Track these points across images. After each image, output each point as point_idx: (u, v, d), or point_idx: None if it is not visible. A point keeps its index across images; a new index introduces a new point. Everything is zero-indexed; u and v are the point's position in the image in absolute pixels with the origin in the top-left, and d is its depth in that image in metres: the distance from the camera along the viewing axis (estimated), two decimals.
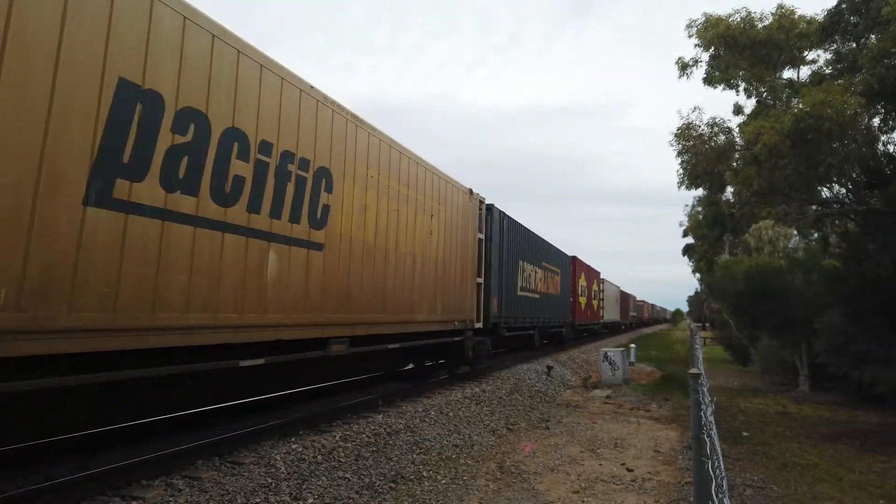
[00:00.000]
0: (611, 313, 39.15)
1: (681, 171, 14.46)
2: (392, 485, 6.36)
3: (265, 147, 6.18)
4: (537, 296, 18.60)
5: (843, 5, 12.31)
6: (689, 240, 46.12)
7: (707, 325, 52.78)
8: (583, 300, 27.93)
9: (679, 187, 14.92)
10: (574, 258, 26.19)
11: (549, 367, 16.65)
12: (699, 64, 15.16)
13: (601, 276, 34.59)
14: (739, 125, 14.79)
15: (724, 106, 48.33)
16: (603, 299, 34.95)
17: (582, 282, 27.77)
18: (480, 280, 12.91)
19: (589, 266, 30.11)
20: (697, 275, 45.61)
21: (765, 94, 14.81)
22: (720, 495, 3.24)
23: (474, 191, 12.76)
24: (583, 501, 6.25)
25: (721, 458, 4.26)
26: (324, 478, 6.06)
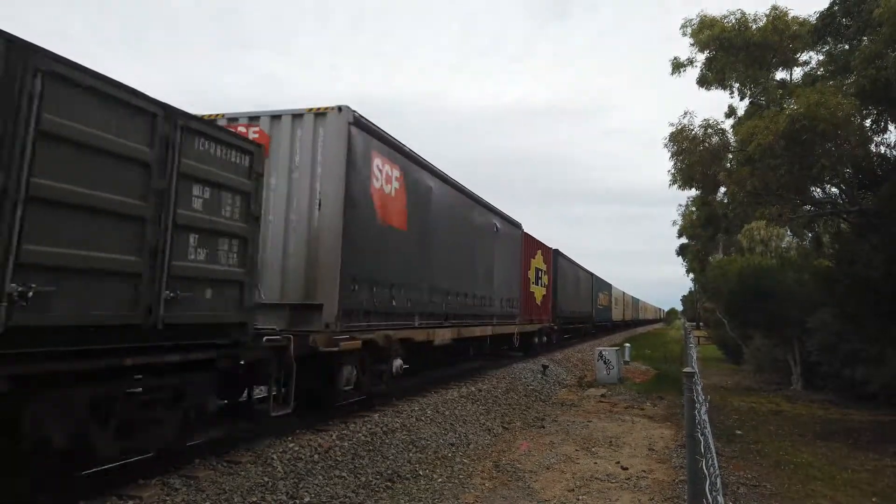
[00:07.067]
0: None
1: (674, 171, 14.57)
2: (388, 483, 6.38)
3: None
4: None
5: (836, 7, 12.40)
6: (684, 240, 46.24)
7: (701, 324, 53.00)
8: None
9: (670, 186, 15.03)
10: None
11: (545, 367, 16.73)
12: (694, 63, 15.27)
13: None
14: (733, 125, 14.90)
15: (713, 106, 48.71)
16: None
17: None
18: None
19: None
20: (691, 275, 45.79)
21: (758, 95, 14.91)
22: (714, 493, 3.27)
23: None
24: (578, 500, 6.29)
25: (715, 456, 4.30)
26: (320, 477, 6.08)
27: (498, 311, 14.88)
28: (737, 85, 15.25)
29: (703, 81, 15.25)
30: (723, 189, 15.57)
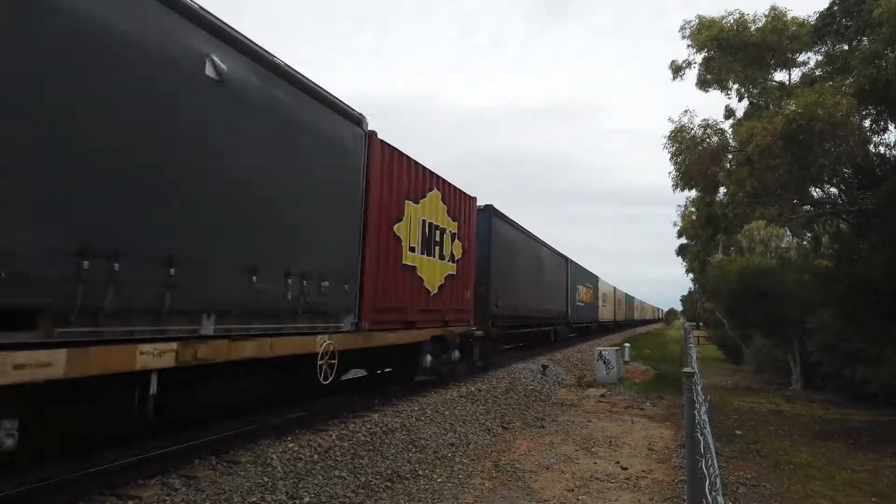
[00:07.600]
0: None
1: (674, 173, 14.57)
2: (388, 483, 6.38)
3: None
4: None
5: (835, 7, 12.41)
6: (684, 240, 46.20)
7: (700, 324, 52.99)
8: None
9: (674, 190, 15.04)
10: None
11: (545, 367, 16.73)
12: (692, 65, 15.28)
13: None
14: (732, 126, 14.91)
15: (712, 108, 48.99)
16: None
17: None
18: None
19: None
20: (691, 275, 45.79)
21: (757, 96, 14.93)
22: (714, 493, 3.27)
23: None
24: (578, 499, 6.29)
25: (714, 456, 4.30)
26: (320, 476, 6.08)
27: (257, 305, 6.30)
28: (735, 86, 15.27)
29: (702, 83, 15.27)
30: (722, 189, 15.57)
